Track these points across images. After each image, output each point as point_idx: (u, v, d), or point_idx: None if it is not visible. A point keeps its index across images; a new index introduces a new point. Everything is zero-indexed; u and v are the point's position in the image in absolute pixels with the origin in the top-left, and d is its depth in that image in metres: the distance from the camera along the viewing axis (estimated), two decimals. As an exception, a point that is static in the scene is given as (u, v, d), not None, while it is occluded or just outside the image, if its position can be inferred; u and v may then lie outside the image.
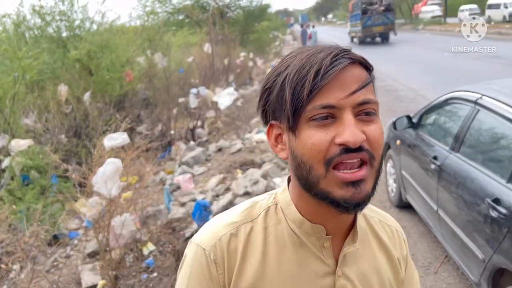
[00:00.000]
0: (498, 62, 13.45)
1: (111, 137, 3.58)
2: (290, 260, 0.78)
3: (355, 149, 0.67)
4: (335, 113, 0.69)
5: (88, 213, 3.26)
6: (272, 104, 0.75)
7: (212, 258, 0.78)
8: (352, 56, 0.71)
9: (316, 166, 0.69)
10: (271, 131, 0.79)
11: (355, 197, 0.69)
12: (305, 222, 0.78)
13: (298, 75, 0.69)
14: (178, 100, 9.05)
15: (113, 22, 9.61)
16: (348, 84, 0.69)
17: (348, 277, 0.80)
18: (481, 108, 2.93)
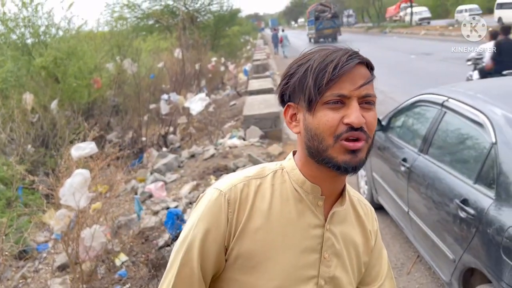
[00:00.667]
0: (463, 64, 13.85)
1: (78, 147, 3.49)
2: (291, 211, 0.97)
3: (357, 129, 0.88)
4: (344, 100, 0.89)
5: (56, 226, 3.16)
6: (291, 88, 0.95)
7: (227, 197, 0.95)
8: (361, 57, 0.92)
9: (327, 137, 0.90)
10: (287, 111, 0.99)
11: (353, 161, 0.90)
12: (306, 182, 0.98)
13: (320, 66, 0.89)
14: (149, 106, 8.93)
15: (80, 28, 9.42)
16: (357, 79, 0.90)
17: (333, 232, 1.00)
18: (447, 111, 3.00)
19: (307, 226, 0.97)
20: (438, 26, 31.44)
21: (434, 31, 28.89)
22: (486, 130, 2.45)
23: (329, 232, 0.99)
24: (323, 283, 0.98)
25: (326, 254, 0.98)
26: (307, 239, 0.97)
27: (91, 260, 3.54)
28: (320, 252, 0.98)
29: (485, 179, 2.38)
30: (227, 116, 10.45)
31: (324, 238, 0.98)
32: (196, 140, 8.76)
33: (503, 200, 2.17)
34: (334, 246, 0.99)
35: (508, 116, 2.38)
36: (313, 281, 0.97)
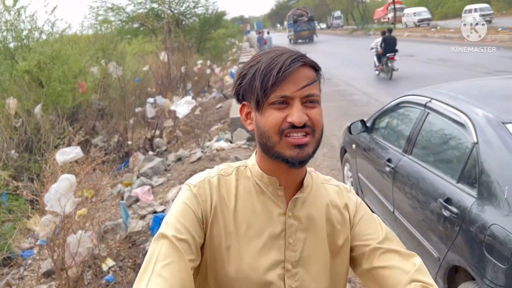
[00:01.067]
0: (445, 65, 14.08)
1: (63, 152, 3.46)
2: (254, 202, 1.06)
3: (300, 126, 0.96)
4: (288, 101, 0.97)
5: (42, 232, 3.13)
6: (244, 88, 1.03)
7: (196, 191, 1.04)
8: (305, 60, 0.98)
9: (273, 135, 0.97)
10: (243, 109, 1.07)
11: (299, 155, 0.97)
12: (264, 176, 1.06)
13: (266, 70, 0.97)
14: (135, 110, 8.87)
15: (64, 31, 9.32)
16: (299, 81, 0.97)
17: (297, 218, 1.06)
18: (430, 111, 3.05)
19: (270, 215, 1.05)
20: (420, 28, 31.84)
21: (417, 33, 29.26)
22: (468, 130, 2.50)
23: (292, 218, 1.05)
24: (290, 267, 1.03)
25: (290, 239, 1.04)
26: (270, 227, 1.04)
27: (77, 266, 3.51)
28: (285, 238, 1.04)
29: (468, 178, 2.43)
30: (214, 119, 10.44)
31: (287, 224, 1.05)
32: (183, 143, 8.73)
33: (485, 199, 2.22)
34: (298, 231, 1.05)
35: (489, 116, 2.44)
36: (280, 266, 1.03)
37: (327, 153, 6.92)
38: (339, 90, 12.27)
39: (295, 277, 1.04)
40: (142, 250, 4.03)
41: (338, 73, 15.86)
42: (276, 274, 1.02)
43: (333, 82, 14.08)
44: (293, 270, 1.04)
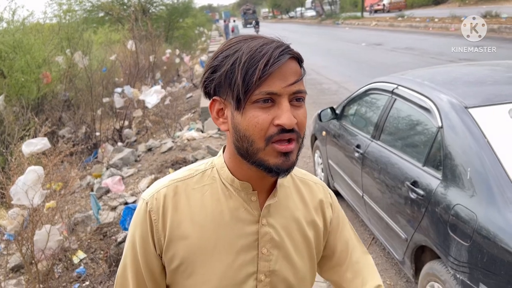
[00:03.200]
0: (411, 53, 14.39)
1: (30, 143, 3.37)
2: (223, 211, 0.94)
3: (288, 130, 0.84)
4: (275, 98, 0.84)
5: (9, 226, 3.04)
6: (217, 81, 0.87)
7: (149, 207, 0.94)
8: (293, 52, 0.87)
9: (257, 140, 0.84)
10: (213, 105, 0.93)
11: (285, 164, 0.86)
12: (235, 180, 0.94)
13: (249, 61, 0.82)
14: (103, 100, 8.68)
15: (26, 19, 8.99)
16: (287, 75, 0.84)
17: (272, 225, 0.97)
18: (397, 98, 3.13)
19: (241, 224, 0.94)
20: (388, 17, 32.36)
21: (384, 22, 29.73)
22: (433, 115, 2.58)
23: (267, 226, 0.96)
24: (263, 278, 0.96)
25: (264, 249, 0.95)
26: (241, 238, 0.94)
27: (47, 259, 3.44)
28: (258, 248, 0.95)
29: (433, 161, 2.52)
30: (184, 108, 10.35)
31: (260, 234, 0.95)
32: (153, 133, 8.63)
33: (449, 180, 2.31)
34: (273, 239, 0.96)
35: (453, 102, 2.52)
36: (253, 277, 0.95)
37: (298, 141, 6.97)
38: (309, 79, 12.36)
39: (267, 287, 0.97)
40: (114, 241, 3.99)
41: (308, 62, 15.85)
42: (249, 287, 0.95)
43: (302, 71, 14.14)
44: (266, 280, 0.96)
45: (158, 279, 0.97)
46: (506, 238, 1.87)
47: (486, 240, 1.96)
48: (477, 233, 2.00)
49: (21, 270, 3.77)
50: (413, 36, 20.12)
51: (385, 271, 3.36)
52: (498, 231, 1.92)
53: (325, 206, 1.08)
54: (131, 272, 0.97)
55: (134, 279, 0.97)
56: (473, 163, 2.20)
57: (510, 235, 1.87)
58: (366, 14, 40.65)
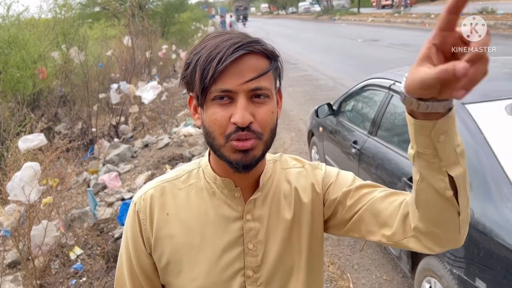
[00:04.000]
0: (407, 50, 14.41)
1: (26, 139, 3.35)
2: (207, 209, 0.96)
3: (243, 128, 0.83)
4: (232, 96, 0.84)
5: (6, 222, 3.04)
6: (188, 78, 0.90)
7: (137, 207, 0.97)
8: (252, 47, 0.83)
9: (218, 137, 0.86)
10: (191, 101, 0.95)
11: (243, 159, 0.86)
12: (217, 177, 0.96)
13: (206, 59, 0.83)
14: (99, 96, 8.64)
15: (21, 14, 8.92)
16: (244, 72, 0.83)
17: (258, 219, 0.97)
18: (394, 94, 3.14)
19: (226, 221, 0.95)
20: (384, 13, 32.35)
21: (381, 18, 29.73)
22: (430, 111, 2.59)
23: (252, 222, 0.96)
24: (251, 273, 0.96)
25: (250, 245, 0.96)
26: (227, 234, 0.95)
27: (44, 255, 3.44)
28: (243, 244, 0.95)
29: (430, 157, 2.52)
30: (181, 104, 10.32)
31: (244, 229, 0.96)
32: (149, 129, 8.61)
33: (446, 176, 2.31)
34: (259, 234, 0.96)
35: (449, 98, 2.53)
36: (240, 273, 0.95)
37: (295, 137, 7.00)
38: (305, 75, 12.37)
39: (256, 282, 0.96)
40: (111, 237, 3.99)
41: (304, 58, 15.96)
42: (237, 284, 0.95)
43: (299, 67, 14.17)
44: (255, 276, 0.96)
45: (152, 278, 1.00)
46: (502, 233, 1.89)
47: (482, 235, 1.97)
48: (474, 228, 2.01)
49: (18, 266, 3.77)
50: (409, 32, 20.14)
51: (381, 266, 3.38)
52: (494, 227, 1.93)
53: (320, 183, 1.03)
54: (126, 272, 1.00)
55: (130, 278, 1.00)
56: (469, 159, 2.21)
57: (506, 230, 1.88)
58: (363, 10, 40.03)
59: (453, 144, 0.73)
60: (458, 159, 0.74)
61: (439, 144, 0.72)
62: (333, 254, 3.62)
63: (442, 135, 0.71)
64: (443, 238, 0.84)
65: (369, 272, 3.34)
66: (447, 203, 0.78)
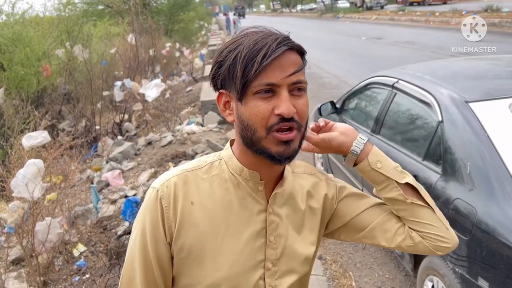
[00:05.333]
0: (412, 48, 14.36)
1: (30, 136, 3.37)
2: (232, 199, 0.98)
3: (288, 119, 0.88)
4: (275, 89, 0.88)
5: (10, 218, 3.06)
6: (223, 76, 0.92)
7: (160, 194, 0.95)
8: (291, 43, 0.90)
9: (259, 129, 0.89)
10: (220, 98, 0.97)
11: (286, 152, 0.90)
12: (244, 169, 0.98)
13: (249, 54, 0.86)
14: (102, 93, 8.67)
15: (25, 12, 8.96)
16: (286, 66, 0.88)
17: (277, 214, 1.01)
18: (397, 92, 3.13)
19: (249, 212, 0.98)
20: (388, 11, 32.24)
21: (385, 16, 29.63)
22: (433, 110, 2.58)
23: (273, 215, 1.00)
24: (270, 266, 0.99)
25: (271, 237, 0.99)
26: (250, 225, 0.97)
27: (48, 252, 3.46)
28: (265, 236, 0.98)
29: (433, 155, 2.52)
30: (184, 102, 10.34)
31: (267, 222, 0.99)
32: (153, 127, 8.62)
33: (449, 175, 2.31)
34: (278, 227, 1.00)
35: (453, 96, 2.52)
36: (261, 265, 0.98)
37: (298, 135, 6.98)
38: (309, 73, 12.10)
39: (275, 275, 0.99)
40: (114, 235, 4.00)
41: (307, 56, 15.83)
42: (257, 275, 0.98)
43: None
44: (274, 269, 0.99)
45: (167, 270, 0.97)
46: (505, 232, 1.88)
47: (485, 234, 1.96)
48: (476, 227, 2.00)
49: (22, 263, 3.79)
50: (413, 30, 20.07)
51: (384, 264, 3.37)
52: (497, 226, 1.92)
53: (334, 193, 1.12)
54: (139, 263, 0.96)
55: (143, 271, 0.96)
56: (473, 157, 2.20)
57: (509, 229, 1.88)
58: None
59: (390, 166, 1.06)
60: (403, 174, 1.07)
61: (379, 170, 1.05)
62: (336, 252, 3.61)
63: (378, 163, 1.05)
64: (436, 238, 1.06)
65: (371, 270, 3.33)
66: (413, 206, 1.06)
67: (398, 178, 1.05)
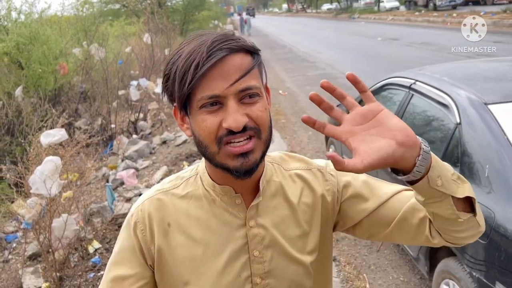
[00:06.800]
0: (428, 49, 14.20)
1: (48, 134, 3.42)
2: (209, 218, 0.91)
3: (240, 131, 0.79)
4: (221, 100, 0.79)
5: (27, 214, 3.10)
6: (170, 90, 0.84)
7: (135, 219, 0.92)
8: (229, 46, 0.79)
9: (210, 144, 0.82)
10: (176, 112, 0.89)
11: (244, 165, 0.81)
12: (216, 185, 0.91)
13: (183, 67, 0.78)
14: (118, 92, 8.76)
15: (43, 12, 9.09)
16: (229, 73, 0.78)
17: (261, 225, 0.92)
18: (414, 93, 3.10)
19: (229, 229, 0.91)
20: (405, 12, 31.94)
21: (401, 17, 29.35)
22: (451, 111, 2.55)
23: (256, 228, 0.92)
24: (258, 281, 0.92)
25: (255, 252, 0.92)
26: (231, 243, 0.91)
27: (64, 248, 3.50)
28: (248, 252, 0.91)
29: (450, 158, 2.48)
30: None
31: (248, 237, 0.91)
32: (167, 126, 8.68)
33: (467, 178, 2.26)
34: (264, 239, 0.92)
35: (472, 98, 2.49)
36: (248, 281, 0.92)
37: (312, 135, 6.97)
38: (324, 74, 12.30)
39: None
40: (129, 232, 4.04)
41: (323, 57, 15.86)
42: None
43: (317, 66, 14.10)
44: (263, 282, 0.92)
45: None
46: (525, 236, 1.85)
47: (503, 238, 1.93)
48: (495, 231, 1.97)
49: (38, 258, 3.85)
50: (430, 31, 19.83)
51: (398, 267, 3.34)
52: (517, 230, 1.89)
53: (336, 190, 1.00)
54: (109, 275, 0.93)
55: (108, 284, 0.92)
56: (491, 160, 2.17)
57: (528, 233, 1.84)
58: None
59: (448, 176, 0.78)
60: (460, 184, 0.80)
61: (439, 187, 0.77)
62: (350, 254, 3.59)
63: (438, 180, 0.76)
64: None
65: (385, 273, 3.31)
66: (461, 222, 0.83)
67: (456, 192, 0.79)
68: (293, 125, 7.71)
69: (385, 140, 0.72)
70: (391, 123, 0.75)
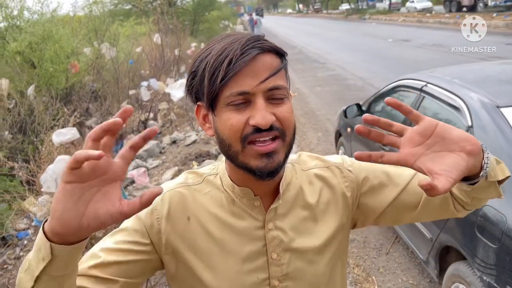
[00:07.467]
0: (440, 50, 14.09)
1: (59, 133, 3.45)
2: (227, 217, 0.91)
3: (266, 129, 0.79)
4: (249, 98, 0.79)
5: (39, 212, 3.14)
6: (196, 87, 0.85)
7: (152, 206, 0.89)
8: (262, 45, 0.80)
9: (234, 143, 0.81)
10: (199, 111, 0.89)
11: (268, 166, 0.81)
12: (235, 187, 0.91)
13: (216, 62, 0.79)
14: (129, 92, 8.82)
15: (55, 11, 9.19)
16: (259, 72, 0.79)
17: (280, 228, 0.92)
18: (426, 95, 3.08)
19: (247, 230, 0.91)
20: (416, 13, 31.73)
21: (412, 18, 29.17)
22: (463, 114, 2.53)
23: (274, 230, 0.92)
24: (276, 283, 0.92)
25: (274, 254, 0.91)
26: (248, 245, 0.91)
27: (74, 246, 3.54)
28: (267, 254, 0.91)
29: (461, 161, 2.46)
30: (208, 102, 10.40)
31: (267, 239, 0.91)
32: (177, 126, 8.71)
33: (478, 181, 2.26)
34: (282, 242, 0.92)
35: (484, 100, 2.47)
36: (265, 283, 0.91)
37: (322, 137, 6.95)
38: (334, 75, 12.26)
39: None
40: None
41: (333, 58, 15.82)
42: None
43: (327, 67, 14.06)
44: (281, 285, 0.92)
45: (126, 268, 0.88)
46: (537, 241, 1.83)
47: (515, 242, 1.91)
48: (506, 235, 1.96)
49: (49, 256, 3.88)
50: (442, 32, 19.68)
51: (408, 270, 3.32)
52: (529, 234, 1.87)
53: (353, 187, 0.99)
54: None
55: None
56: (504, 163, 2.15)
57: (541, 238, 1.83)
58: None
59: (495, 165, 0.81)
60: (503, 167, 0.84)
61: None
62: (359, 257, 3.58)
63: (492, 172, 0.79)
64: None
65: (395, 275, 3.29)
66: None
67: (500, 176, 0.82)
68: (302, 126, 7.70)
69: (455, 154, 0.74)
70: (454, 135, 0.76)
